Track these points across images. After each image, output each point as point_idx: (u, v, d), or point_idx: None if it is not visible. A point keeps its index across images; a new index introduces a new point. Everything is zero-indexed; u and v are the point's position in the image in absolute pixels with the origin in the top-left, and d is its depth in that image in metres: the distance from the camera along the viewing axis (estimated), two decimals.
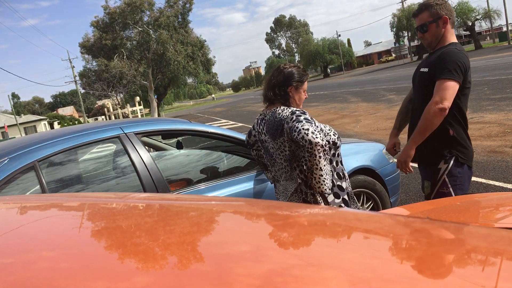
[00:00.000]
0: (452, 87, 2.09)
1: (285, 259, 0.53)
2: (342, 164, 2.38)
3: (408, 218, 0.79)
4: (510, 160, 4.97)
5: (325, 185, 2.20)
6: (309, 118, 2.21)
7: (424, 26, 2.24)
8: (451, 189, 2.21)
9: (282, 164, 2.34)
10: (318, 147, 2.08)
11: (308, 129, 2.09)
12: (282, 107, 2.30)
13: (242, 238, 0.64)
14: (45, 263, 0.54)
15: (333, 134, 2.28)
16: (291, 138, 2.19)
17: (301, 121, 2.15)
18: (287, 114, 2.24)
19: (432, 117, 2.10)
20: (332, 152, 2.29)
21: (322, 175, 2.17)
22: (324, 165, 2.16)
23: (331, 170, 2.27)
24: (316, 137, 2.07)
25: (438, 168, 2.24)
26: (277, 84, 2.33)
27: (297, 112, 2.22)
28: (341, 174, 2.33)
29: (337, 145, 2.28)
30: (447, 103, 2.08)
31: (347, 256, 0.55)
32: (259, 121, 2.46)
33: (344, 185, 2.34)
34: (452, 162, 2.20)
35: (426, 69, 2.25)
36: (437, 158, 2.24)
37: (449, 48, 2.19)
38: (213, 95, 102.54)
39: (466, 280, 0.48)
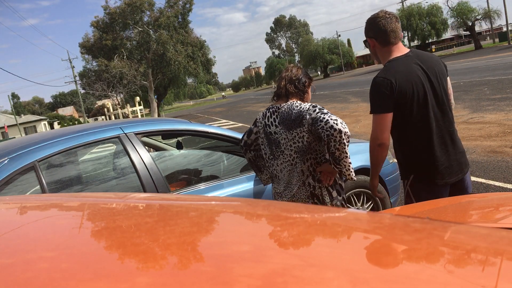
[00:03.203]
0: (380, 121, 2.10)
1: (285, 260, 0.53)
2: None
3: (408, 218, 0.79)
4: (510, 160, 4.97)
5: (353, 172, 2.31)
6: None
7: (365, 41, 2.29)
8: (413, 200, 2.23)
9: (290, 156, 2.36)
10: (346, 136, 2.19)
11: (336, 119, 2.20)
12: (298, 101, 2.38)
13: (242, 238, 0.64)
14: (45, 264, 0.54)
15: None
16: (311, 129, 2.26)
17: (327, 113, 2.24)
18: (308, 106, 2.32)
19: (374, 152, 2.16)
20: None
21: (350, 163, 2.27)
22: (345, 156, 2.26)
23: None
24: (345, 127, 2.19)
25: (403, 182, 2.31)
26: (297, 79, 2.43)
27: (318, 105, 2.31)
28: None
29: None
30: (381, 137, 2.10)
31: (348, 256, 0.55)
32: (268, 114, 2.48)
33: (344, 185, 2.43)
34: (411, 178, 2.23)
35: None
36: (401, 175, 2.32)
37: (374, 77, 2.16)
38: (223, 93, 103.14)
39: (466, 280, 0.48)
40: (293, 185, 2.38)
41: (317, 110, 2.26)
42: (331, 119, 2.19)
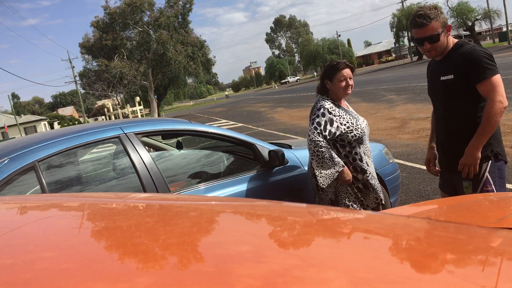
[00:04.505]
0: (500, 81, 2.12)
1: (286, 260, 0.53)
2: (360, 161, 2.68)
3: (408, 218, 0.79)
4: (510, 160, 4.96)
5: (320, 180, 2.59)
6: (323, 121, 2.59)
7: (437, 36, 2.19)
8: (493, 186, 2.21)
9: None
10: (309, 149, 2.58)
11: (308, 132, 2.58)
12: (322, 97, 2.74)
13: (243, 239, 0.64)
14: (45, 264, 0.54)
15: (349, 132, 2.63)
16: None
17: (314, 120, 2.60)
18: (317, 106, 2.68)
19: (499, 116, 2.11)
20: (347, 149, 2.67)
21: (320, 173, 2.59)
22: (313, 160, 2.60)
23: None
24: (310, 140, 2.56)
25: (479, 166, 2.21)
26: (321, 78, 2.78)
27: (321, 110, 2.62)
28: (358, 168, 2.68)
29: (350, 142, 2.65)
30: (505, 99, 2.11)
31: (348, 256, 0.55)
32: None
33: (359, 177, 2.69)
34: (492, 159, 2.21)
35: (450, 76, 2.22)
36: (483, 157, 2.21)
37: (465, 47, 2.20)
38: (226, 93, 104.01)
39: (466, 280, 0.48)
40: None
41: (314, 114, 2.63)
42: (309, 130, 2.59)
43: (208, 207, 0.90)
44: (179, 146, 3.82)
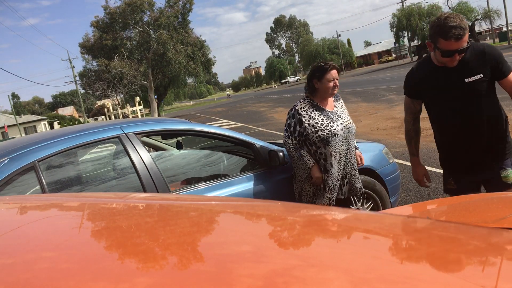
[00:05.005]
0: None
1: (286, 260, 0.53)
2: (324, 160, 2.80)
3: (408, 218, 0.79)
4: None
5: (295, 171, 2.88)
6: (292, 123, 2.78)
7: (468, 46, 2.13)
8: None
9: None
10: (284, 145, 2.87)
11: (284, 133, 2.86)
12: (302, 99, 2.87)
13: (243, 239, 0.64)
14: (45, 264, 0.54)
15: (314, 132, 2.74)
16: None
17: (286, 125, 2.85)
18: (291, 107, 2.83)
19: None
20: (314, 148, 2.80)
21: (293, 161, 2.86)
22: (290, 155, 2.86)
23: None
24: (284, 141, 2.87)
25: None
26: (308, 78, 2.87)
27: (292, 112, 2.82)
28: (322, 167, 2.81)
29: (315, 142, 2.77)
30: None
31: (349, 256, 0.55)
32: None
33: (323, 175, 2.81)
34: None
35: (479, 76, 2.17)
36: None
37: (477, 45, 2.21)
38: (227, 93, 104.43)
39: (466, 280, 0.48)
40: None
41: (288, 115, 2.82)
42: (284, 133, 2.84)
43: (208, 207, 0.90)
44: (179, 146, 3.82)
